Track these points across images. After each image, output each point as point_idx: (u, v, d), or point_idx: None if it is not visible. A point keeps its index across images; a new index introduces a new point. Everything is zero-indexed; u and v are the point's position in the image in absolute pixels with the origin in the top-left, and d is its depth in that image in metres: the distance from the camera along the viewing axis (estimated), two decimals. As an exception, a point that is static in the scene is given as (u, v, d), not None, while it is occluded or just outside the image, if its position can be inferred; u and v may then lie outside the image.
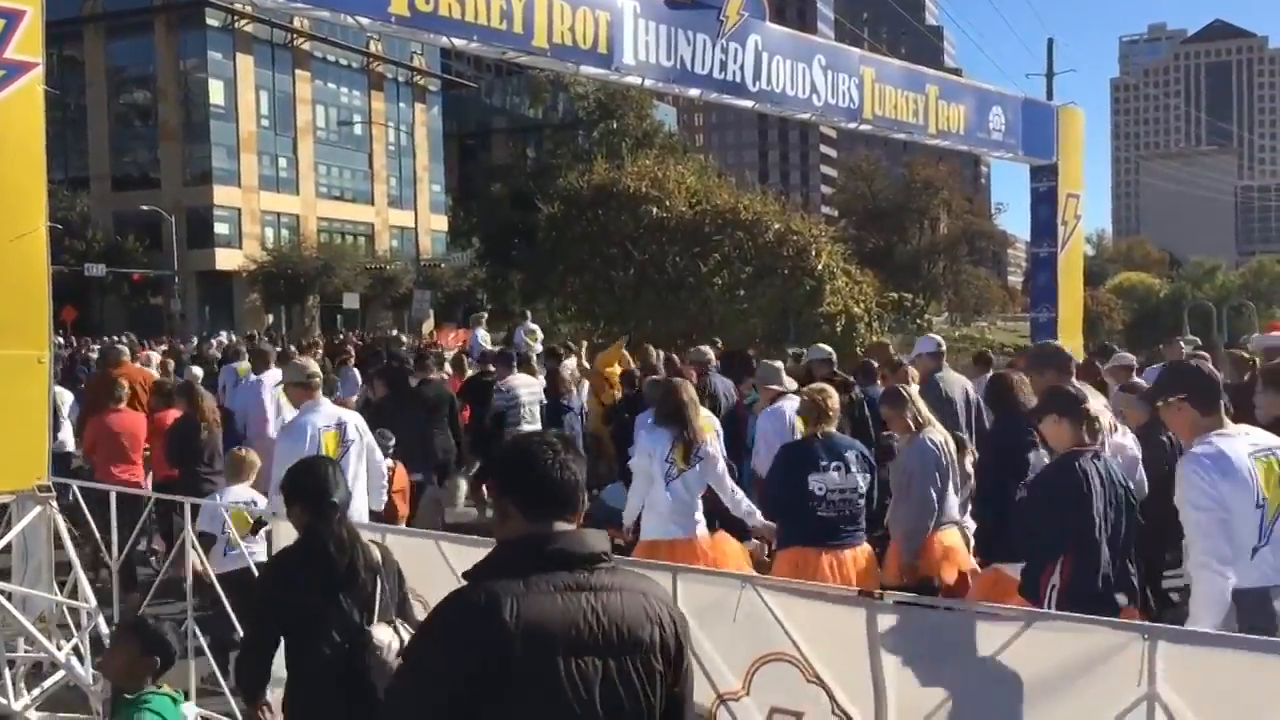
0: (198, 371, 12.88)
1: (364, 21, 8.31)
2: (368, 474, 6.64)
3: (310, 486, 3.80)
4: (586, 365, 12.97)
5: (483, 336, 17.99)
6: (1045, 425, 4.79)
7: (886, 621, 3.34)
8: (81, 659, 6.16)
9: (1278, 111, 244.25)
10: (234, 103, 60.53)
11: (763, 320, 18.78)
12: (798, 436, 6.66)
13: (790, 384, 8.16)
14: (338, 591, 3.66)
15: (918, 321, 33.47)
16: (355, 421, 6.73)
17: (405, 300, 56.15)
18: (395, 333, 37.98)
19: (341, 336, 30.08)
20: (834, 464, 5.77)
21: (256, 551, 6.10)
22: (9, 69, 5.89)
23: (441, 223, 69.30)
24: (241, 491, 6.79)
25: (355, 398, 11.50)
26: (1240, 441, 3.97)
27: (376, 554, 3.82)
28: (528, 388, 10.76)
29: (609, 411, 11.41)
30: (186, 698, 4.43)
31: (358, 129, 65.98)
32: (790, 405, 7.55)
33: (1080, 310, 16.47)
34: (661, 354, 12.42)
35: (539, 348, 15.66)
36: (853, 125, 12.34)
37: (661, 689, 2.40)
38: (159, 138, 60.84)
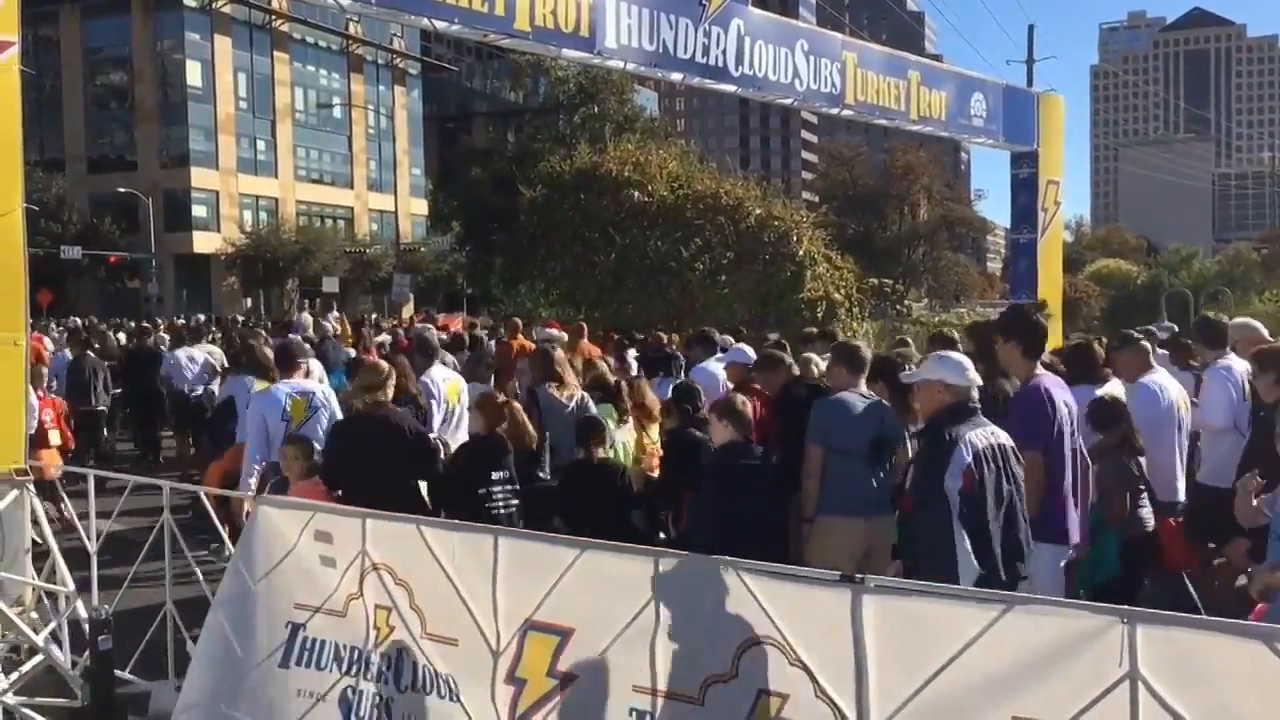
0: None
1: (344, 2, 8.25)
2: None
3: None
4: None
5: (306, 320, 21.51)
6: None
7: (870, 604, 3.34)
8: (60, 643, 6.13)
9: (1255, 99, 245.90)
10: (211, 84, 60.03)
11: (744, 306, 18.74)
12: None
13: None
14: None
15: (897, 307, 33.54)
16: None
17: (385, 284, 55.95)
18: (375, 316, 37.94)
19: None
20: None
21: None
22: (-16, 47, 5.84)
23: (421, 206, 69.01)
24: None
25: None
26: (281, 388, 7.18)
27: None
28: (189, 357, 14.06)
29: None
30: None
31: (337, 112, 65.58)
32: None
33: (1059, 296, 16.57)
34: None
35: (337, 328, 19.15)
36: (834, 110, 12.34)
37: None
38: (136, 119, 60.29)
